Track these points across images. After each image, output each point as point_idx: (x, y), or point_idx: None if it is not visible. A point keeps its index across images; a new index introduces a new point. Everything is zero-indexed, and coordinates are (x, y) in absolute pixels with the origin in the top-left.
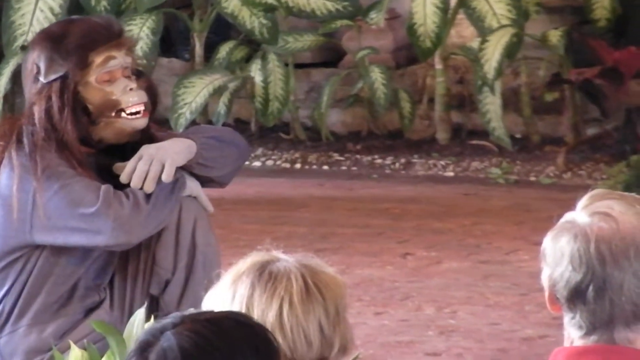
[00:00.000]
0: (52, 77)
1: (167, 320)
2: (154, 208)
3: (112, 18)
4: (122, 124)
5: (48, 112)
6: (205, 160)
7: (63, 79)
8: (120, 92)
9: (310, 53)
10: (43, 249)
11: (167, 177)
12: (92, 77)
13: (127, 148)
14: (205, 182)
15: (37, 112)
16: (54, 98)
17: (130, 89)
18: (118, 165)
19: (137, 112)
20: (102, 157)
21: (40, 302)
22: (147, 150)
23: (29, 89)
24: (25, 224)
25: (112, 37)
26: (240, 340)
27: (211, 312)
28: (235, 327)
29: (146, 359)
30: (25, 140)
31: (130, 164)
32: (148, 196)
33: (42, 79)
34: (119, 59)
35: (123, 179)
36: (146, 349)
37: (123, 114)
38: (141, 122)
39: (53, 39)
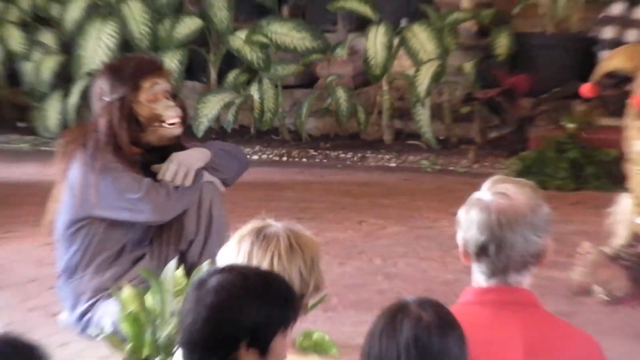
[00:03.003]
0: (114, 97)
1: (221, 266)
2: (181, 196)
3: (155, 55)
4: (163, 132)
5: (110, 122)
6: (216, 165)
7: (121, 99)
8: (163, 109)
9: (294, 78)
10: (102, 222)
11: (188, 182)
12: (143, 98)
13: (165, 150)
14: None
15: (102, 123)
16: (115, 112)
17: (170, 107)
18: (155, 166)
19: (174, 123)
20: (147, 155)
21: (100, 258)
22: (177, 156)
23: (96, 106)
24: (87, 203)
25: (156, 69)
26: (260, 294)
27: (252, 269)
28: (261, 283)
29: (200, 290)
30: (89, 143)
31: (164, 166)
32: (176, 187)
33: (106, 98)
34: (161, 85)
35: (159, 176)
36: (201, 284)
37: (164, 124)
38: (177, 131)
39: (114, 70)
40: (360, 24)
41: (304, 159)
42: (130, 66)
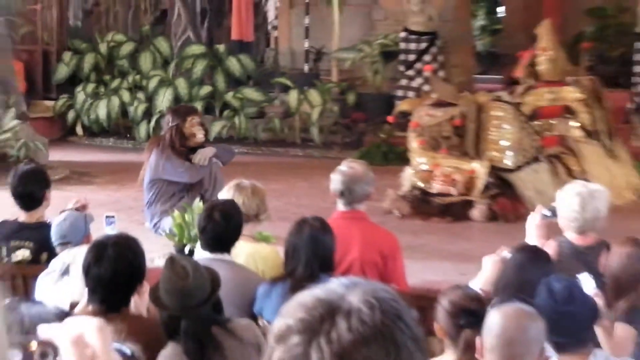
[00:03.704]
0: (173, 124)
1: (221, 200)
2: (202, 170)
3: (192, 105)
4: (196, 141)
5: (171, 136)
6: (219, 155)
7: (177, 125)
8: (197, 131)
9: (255, 113)
10: (164, 181)
11: (205, 163)
12: (187, 125)
13: (196, 148)
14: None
15: (167, 136)
16: (173, 132)
17: (200, 130)
18: (191, 156)
19: (201, 137)
20: (188, 151)
21: (163, 198)
22: (202, 150)
23: (164, 128)
24: (157, 172)
25: (194, 111)
26: (234, 208)
27: (226, 200)
28: (231, 206)
29: (213, 212)
30: (160, 145)
31: (195, 156)
32: (200, 166)
33: (169, 124)
34: (196, 119)
35: (193, 161)
36: (212, 210)
37: (196, 137)
38: (202, 140)
39: (173, 111)
40: (286, 89)
41: (259, 152)
42: (182, 110)
